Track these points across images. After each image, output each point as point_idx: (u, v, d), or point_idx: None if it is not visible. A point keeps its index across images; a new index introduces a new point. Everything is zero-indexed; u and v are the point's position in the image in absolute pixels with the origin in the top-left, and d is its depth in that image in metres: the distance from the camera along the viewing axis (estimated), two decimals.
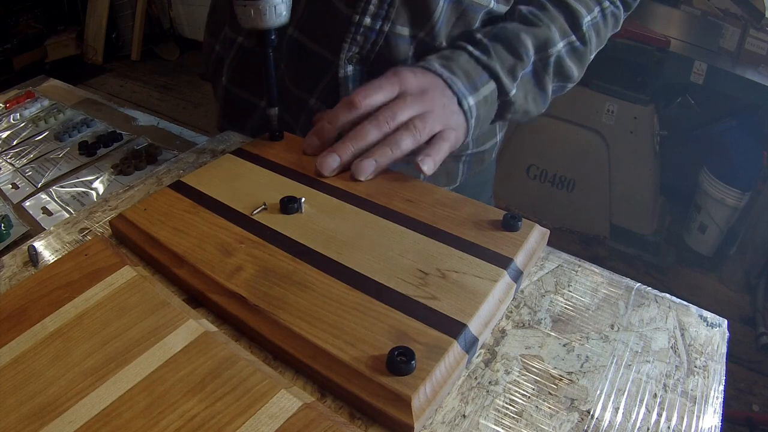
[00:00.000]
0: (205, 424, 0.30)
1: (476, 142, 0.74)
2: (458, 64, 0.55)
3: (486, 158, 0.78)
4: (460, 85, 0.53)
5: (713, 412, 0.34)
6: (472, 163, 0.76)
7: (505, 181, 2.19)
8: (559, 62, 0.60)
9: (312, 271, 0.39)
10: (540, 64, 0.59)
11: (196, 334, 0.36)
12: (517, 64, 0.57)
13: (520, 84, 0.58)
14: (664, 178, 1.96)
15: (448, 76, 0.53)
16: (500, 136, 0.79)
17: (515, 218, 0.43)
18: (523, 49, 0.57)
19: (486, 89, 0.55)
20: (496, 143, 0.79)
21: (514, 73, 0.57)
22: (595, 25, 0.63)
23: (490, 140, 0.76)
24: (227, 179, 0.49)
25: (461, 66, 0.55)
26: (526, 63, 0.57)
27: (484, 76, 0.55)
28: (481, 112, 0.55)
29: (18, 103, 0.84)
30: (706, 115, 1.90)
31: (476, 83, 0.55)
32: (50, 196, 0.62)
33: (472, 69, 0.55)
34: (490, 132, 0.76)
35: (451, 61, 0.55)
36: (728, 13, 1.73)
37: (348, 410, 0.33)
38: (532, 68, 0.59)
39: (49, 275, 0.40)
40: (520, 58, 0.57)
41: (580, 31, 0.61)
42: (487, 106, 0.56)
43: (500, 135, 0.80)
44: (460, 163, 0.74)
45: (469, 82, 0.54)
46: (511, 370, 0.36)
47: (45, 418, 0.31)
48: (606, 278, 0.44)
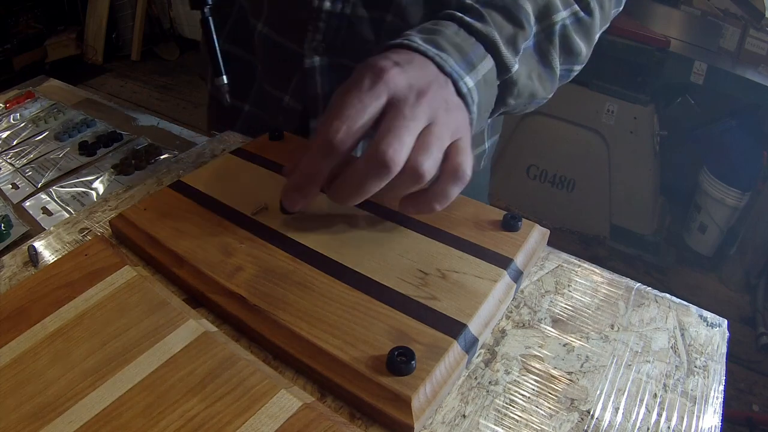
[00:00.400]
0: (205, 424, 0.30)
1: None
2: (446, 37, 0.43)
3: (474, 168, 0.73)
4: (452, 63, 0.42)
5: (713, 412, 0.34)
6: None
7: (505, 181, 2.19)
8: (565, 34, 0.50)
9: (312, 271, 0.39)
10: (543, 36, 0.49)
11: (196, 334, 0.36)
12: (518, 33, 0.46)
13: (523, 59, 0.47)
14: (664, 178, 1.96)
15: (435, 53, 0.42)
16: (489, 143, 0.74)
17: (515, 218, 0.43)
18: (523, 15, 0.46)
19: (484, 66, 0.44)
20: (485, 150, 0.74)
21: (515, 45, 0.46)
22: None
23: (477, 148, 0.71)
24: (227, 179, 0.49)
25: (449, 39, 0.43)
26: (527, 32, 0.47)
27: (479, 49, 0.44)
28: (482, 98, 0.44)
29: (18, 103, 0.84)
30: (706, 115, 1.90)
31: (471, 59, 0.43)
32: (50, 196, 0.62)
33: (463, 41, 0.44)
34: (477, 138, 0.70)
35: (436, 33, 0.44)
36: (728, 13, 1.73)
37: (348, 410, 0.33)
38: (535, 41, 0.48)
39: (49, 275, 0.40)
40: (520, 26, 0.46)
41: (583, 0, 0.51)
42: (487, 88, 0.44)
43: (489, 142, 0.74)
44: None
45: (463, 59, 0.43)
46: (511, 370, 0.36)
47: (45, 418, 0.31)
48: (606, 278, 0.44)
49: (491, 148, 0.76)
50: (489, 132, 0.73)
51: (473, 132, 0.44)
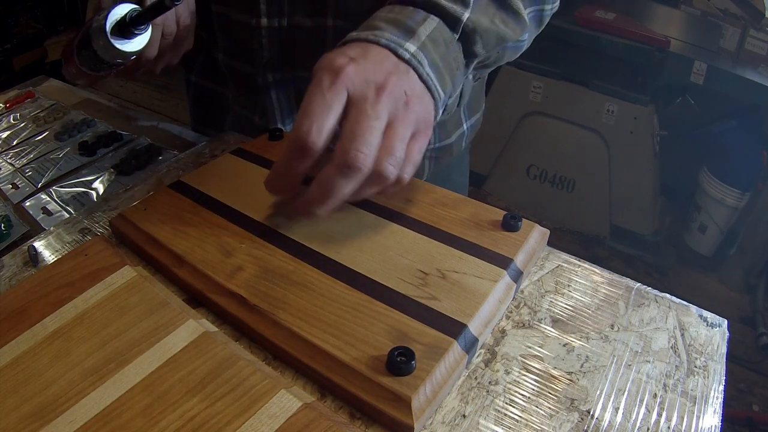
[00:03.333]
0: (205, 424, 0.30)
1: (440, 134, 0.69)
2: (379, 18, 0.44)
3: (454, 151, 0.73)
4: (389, 36, 0.41)
5: (713, 412, 0.34)
6: (438, 159, 0.71)
7: (505, 181, 2.19)
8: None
9: (312, 271, 0.39)
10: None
11: (196, 334, 0.36)
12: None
13: (477, 8, 0.46)
14: (664, 178, 1.96)
15: (368, 34, 0.42)
16: (469, 123, 0.74)
17: (515, 218, 0.43)
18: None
19: (427, 27, 0.43)
20: (464, 132, 0.73)
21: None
22: None
23: (456, 130, 0.71)
24: (227, 179, 0.49)
25: (383, 18, 0.44)
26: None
27: (417, 14, 0.43)
28: (435, 58, 0.43)
29: (18, 103, 0.84)
30: (706, 115, 1.90)
31: (409, 26, 0.43)
32: (50, 196, 0.62)
33: (398, 14, 0.44)
34: (455, 121, 0.70)
35: (369, 21, 0.44)
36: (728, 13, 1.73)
37: (348, 410, 0.33)
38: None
39: (49, 275, 0.40)
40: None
41: None
42: (440, 47, 0.43)
43: (469, 122, 0.74)
44: (425, 159, 0.69)
45: (400, 29, 0.42)
46: (511, 370, 0.36)
47: (45, 418, 0.31)
48: (606, 278, 0.44)
49: (472, 128, 0.75)
50: (467, 113, 0.72)
51: (441, 94, 0.43)
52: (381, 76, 0.39)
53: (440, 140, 0.69)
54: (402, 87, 0.40)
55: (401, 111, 0.39)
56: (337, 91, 0.38)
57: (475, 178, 2.23)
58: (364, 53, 0.40)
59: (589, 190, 2.04)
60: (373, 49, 0.41)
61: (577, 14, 1.83)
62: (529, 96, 2.03)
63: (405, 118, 0.39)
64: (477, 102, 0.76)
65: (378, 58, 0.41)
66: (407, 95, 0.40)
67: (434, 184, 0.49)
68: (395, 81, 0.39)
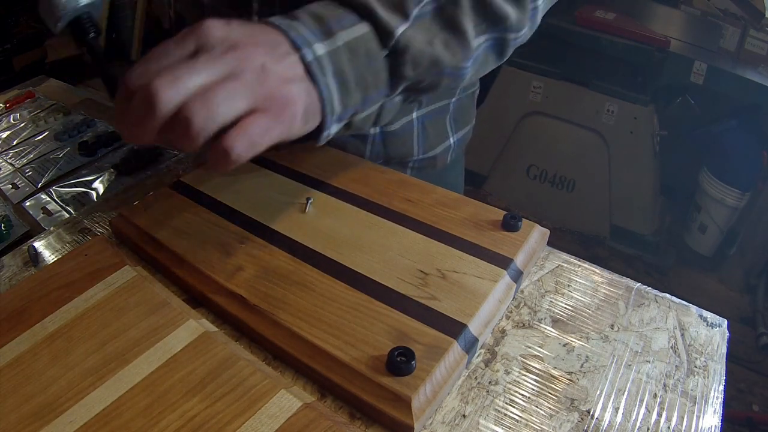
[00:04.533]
0: (205, 424, 0.30)
1: (423, 147, 0.66)
2: (307, 10, 0.40)
3: (439, 163, 0.69)
4: (302, 30, 0.37)
5: (713, 412, 0.34)
6: (422, 170, 0.68)
7: (505, 181, 2.19)
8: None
9: (312, 271, 0.39)
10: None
11: (196, 334, 0.36)
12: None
13: (418, 25, 0.42)
14: (664, 178, 1.96)
15: (282, 22, 0.38)
16: (456, 137, 0.71)
17: (515, 218, 0.43)
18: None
19: (350, 33, 0.39)
20: (450, 146, 0.70)
21: (403, 8, 0.41)
22: None
23: (441, 144, 0.68)
24: (227, 179, 0.49)
25: (310, 10, 0.40)
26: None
27: (347, 17, 0.39)
28: (345, 68, 0.39)
29: (18, 103, 0.84)
30: (706, 115, 1.90)
31: (330, 27, 0.39)
32: (50, 196, 0.62)
33: (327, 11, 0.40)
34: (440, 134, 0.68)
35: (299, 10, 0.40)
36: (728, 13, 1.73)
37: (348, 410, 0.33)
38: (436, 4, 0.43)
39: (49, 275, 0.40)
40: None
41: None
42: (359, 58, 0.39)
43: (456, 136, 0.70)
44: (407, 170, 0.67)
45: (319, 27, 0.38)
46: (511, 370, 0.36)
47: (45, 418, 0.31)
48: (606, 278, 0.44)
49: (460, 142, 0.72)
50: (453, 126, 0.69)
51: (333, 108, 0.39)
52: (244, 40, 0.35)
53: (423, 152, 0.67)
54: (263, 61, 0.35)
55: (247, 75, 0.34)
56: (183, 44, 0.34)
57: (475, 178, 2.23)
58: (252, 27, 0.37)
59: (589, 190, 2.04)
60: (266, 29, 0.37)
61: (577, 14, 1.83)
62: (529, 96, 2.03)
63: (247, 83, 0.34)
64: (466, 115, 0.73)
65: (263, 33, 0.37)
66: (265, 70, 0.35)
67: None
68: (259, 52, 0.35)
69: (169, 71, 0.33)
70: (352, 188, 0.48)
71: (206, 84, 0.33)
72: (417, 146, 0.66)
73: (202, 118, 0.33)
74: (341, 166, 0.48)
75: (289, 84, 0.36)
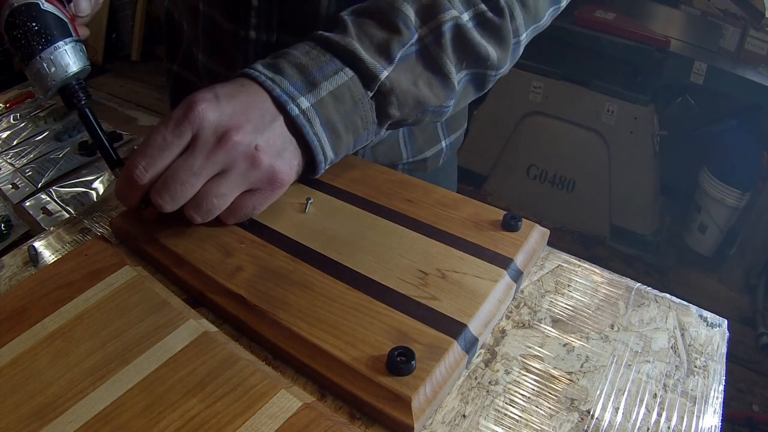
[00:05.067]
0: (205, 424, 0.30)
1: (412, 150, 0.66)
2: (291, 58, 0.42)
3: (429, 165, 0.70)
4: (286, 85, 0.40)
5: (713, 412, 0.34)
6: (411, 172, 0.69)
7: (505, 181, 2.19)
8: (461, 35, 0.45)
9: (312, 271, 0.39)
10: (431, 38, 0.44)
11: (196, 334, 0.36)
12: (392, 39, 0.43)
13: (402, 66, 0.43)
14: (664, 178, 1.96)
15: (267, 78, 0.41)
16: (448, 140, 0.71)
17: (515, 218, 0.43)
18: (400, 18, 0.43)
19: (333, 82, 0.41)
20: (443, 149, 0.70)
21: (387, 51, 0.43)
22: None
23: (432, 147, 0.68)
24: None
25: (294, 59, 0.42)
26: (405, 37, 0.43)
27: (330, 65, 0.42)
28: (332, 115, 0.41)
29: (18, 103, 0.84)
30: (706, 115, 1.90)
31: (314, 77, 0.41)
32: (50, 196, 0.62)
33: (311, 60, 0.42)
34: (431, 137, 0.68)
35: (282, 56, 0.42)
36: (728, 13, 1.73)
37: (348, 410, 0.33)
38: (420, 46, 0.44)
39: (49, 275, 0.40)
40: (395, 31, 0.43)
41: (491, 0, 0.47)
42: (344, 105, 0.42)
43: (448, 140, 0.71)
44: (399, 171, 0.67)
45: (303, 78, 0.41)
46: (511, 370, 0.36)
47: (45, 418, 0.31)
48: (606, 278, 0.44)
49: (452, 145, 0.73)
50: (445, 130, 0.70)
51: (325, 156, 0.43)
52: (235, 122, 0.39)
53: (412, 156, 0.67)
54: (254, 139, 0.39)
55: (240, 165, 0.39)
56: (180, 133, 0.38)
57: (475, 178, 2.23)
58: (237, 93, 0.40)
59: (589, 190, 2.04)
60: (251, 90, 0.40)
61: (577, 14, 1.83)
62: (529, 96, 2.03)
63: (241, 174, 0.39)
64: (459, 119, 0.73)
65: (249, 100, 0.40)
66: (258, 149, 0.39)
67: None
68: (248, 131, 0.39)
69: (173, 180, 0.38)
70: (352, 188, 0.48)
71: (204, 190, 0.39)
72: (405, 150, 0.66)
73: (202, 218, 0.40)
74: (341, 166, 0.48)
75: (280, 156, 0.41)
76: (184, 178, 0.38)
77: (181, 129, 0.38)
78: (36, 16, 0.42)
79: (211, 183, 0.39)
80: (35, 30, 0.41)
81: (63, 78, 0.42)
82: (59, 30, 0.42)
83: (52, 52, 0.41)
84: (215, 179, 0.39)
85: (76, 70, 0.42)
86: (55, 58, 0.41)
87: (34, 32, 0.41)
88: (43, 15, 0.42)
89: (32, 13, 0.42)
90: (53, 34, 0.42)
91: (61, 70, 0.41)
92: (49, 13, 0.42)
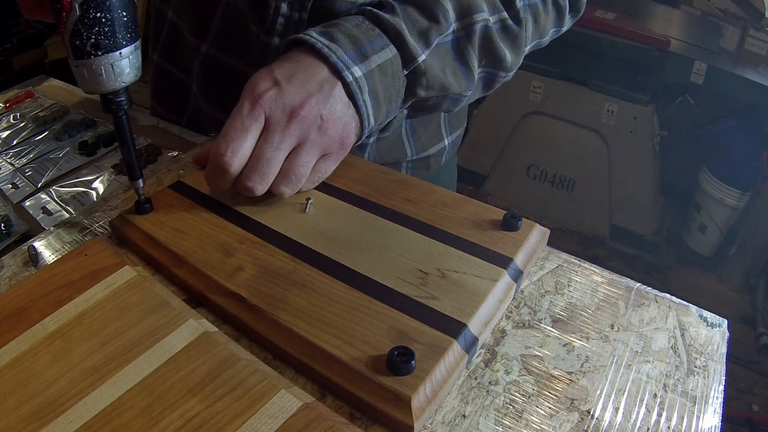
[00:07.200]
0: (205, 424, 0.30)
1: (416, 147, 0.68)
2: (344, 29, 0.45)
3: (432, 163, 0.72)
4: (342, 54, 0.44)
5: (713, 412, 0.34)
6: (415, 170, 0.71)
7: (505, 181, 2.19)
8: (487, 36, 0.50)
9: (312, 271, 0.39)
10: (463, 33, 0.49)
11: (196, 334, 0.36)
12: (431, 27, 0.47)
13: (436, 53, 0.48)
14: (664, 178, 1.96)
15: (324, 45, 0.43)
16: (450, 138, 0.73)
17: (515, 218, 0.43)
18: (440, 11, 0.48)
19: (381, 56, 0.45)
20: (445, 147, 0.73)
21: (426, 38, 0.47)
22: (533, 6, 0.54)
23: (435, 144, 0.70)
24: None
25: (347, 30, 0.45)
26: (443, 27, 0.48)
27: (379, 40, 0.45)
28: (377, 86, 0.45)
29: (18, 103, 0.84)
30: (706, 115, 1.90)
31: (365, 49, 0.44)
32: (50, 196, 0.62)
33: (362, 33, 0.45)
34: (434, 135, 0.70)
35: (335, 26, 0.45)
36: (728, 13, 1.73)
37: (348, 410, 0.33)
38: (454, 38, 0.49)
39: (49, 275, 0.40)
40: (435, 21, 0.47)
41: (513, 9, 0.52)
42: (387, 78, 0.45)
43: (450, 138, 0.73)
44: (401, 169, 0.69)
45: (356, 49, 0.44)
46: (511, 370, 0.36)
47: (45, 418, 0.31)
48: (606, 278, 0.44)
49: (453, 143, 0.75)
50: (448, 128, 0.72)
51: (370, 122, 0.46)
52: (299, 100, 0.42)
53: (416, 153, 0.69)
54: (319, 110, 0.43)
55: (313, 135, 0.43)
56: (255, 117, 0.42)
57: (475, 178, 2.23)
58: (294, 71, 0.43)
59: (589, 190, 2.04)
60: (307, 63, 0.43)
61: None
62: (529, 96, 2.03)
63: (314, 142, 0.43)
64: (460, 117, 0.75)
65: (306, 75, 0.43)
66: (323, 119, 0.43)
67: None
68: (313, 104, 0.42)
69: (259, 160, 0.42)
70: (352, 188, 0.48)
71: (288, 162, 0.43)
72: (409, 147, 0.68)
73: (289, 189, 0.44)
74: (341, 166, 0.48)
75: (343, 121, 0.44)
76: (269, 155, 0.42)
77: (256, 114, 0.42)
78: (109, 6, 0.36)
79: (292, 155, 0.43)
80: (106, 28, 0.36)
81: (114, 86, 0.39)
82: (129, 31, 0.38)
83: (117, 57, 0.37)
84: (295, 151, 0.43)
85: (131, 80, 0.39)
86: (116, 63, 0.37)
87: (105, 30, 0.36)
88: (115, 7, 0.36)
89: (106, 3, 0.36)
90: (123, 36, 0.37)
91: (116, 78, 0.38)
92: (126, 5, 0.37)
